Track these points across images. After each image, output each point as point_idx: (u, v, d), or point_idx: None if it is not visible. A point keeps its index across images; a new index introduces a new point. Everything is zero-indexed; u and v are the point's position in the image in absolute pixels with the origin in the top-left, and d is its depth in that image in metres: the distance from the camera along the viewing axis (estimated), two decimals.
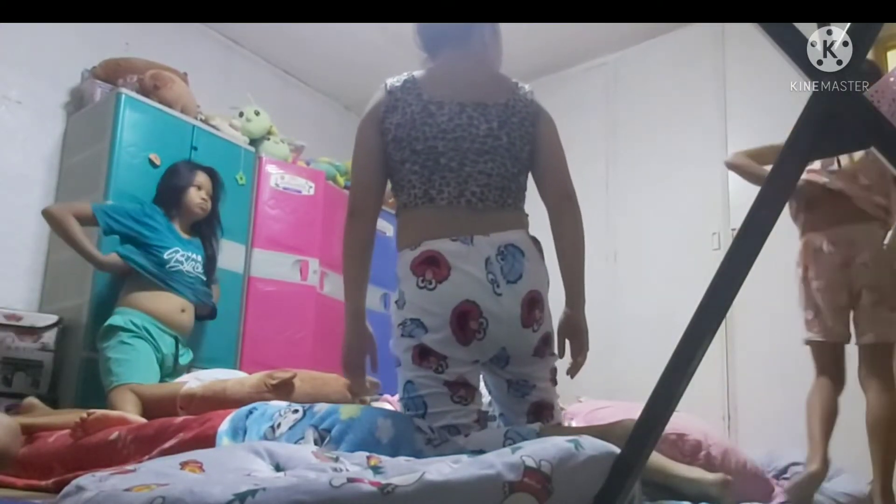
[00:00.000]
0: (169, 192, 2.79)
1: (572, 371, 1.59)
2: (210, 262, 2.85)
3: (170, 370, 2.61)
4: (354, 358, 1.52)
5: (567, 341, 1.58)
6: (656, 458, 1.36)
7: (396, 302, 1.48)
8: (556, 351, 1.55)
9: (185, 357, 2.71)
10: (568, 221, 1.56)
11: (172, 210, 2.76)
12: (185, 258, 2.68)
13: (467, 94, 1.52)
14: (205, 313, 2.86)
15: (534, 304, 1.46)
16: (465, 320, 1.40)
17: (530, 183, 1.61)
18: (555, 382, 1.55)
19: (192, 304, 2.71)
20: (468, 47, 1.60)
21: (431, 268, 1.41)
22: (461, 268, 1.41)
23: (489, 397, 1.59)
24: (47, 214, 2.57)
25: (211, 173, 2.87)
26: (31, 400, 2.38)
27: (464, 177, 1.47)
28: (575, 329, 1.57)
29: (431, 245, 1.43)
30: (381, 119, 1.53)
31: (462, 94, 1.52)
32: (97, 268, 2.65)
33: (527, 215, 1.57)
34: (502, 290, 1.43)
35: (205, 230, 2.88)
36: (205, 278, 2.81)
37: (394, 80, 1.57)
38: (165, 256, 2.61)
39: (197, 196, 2.78)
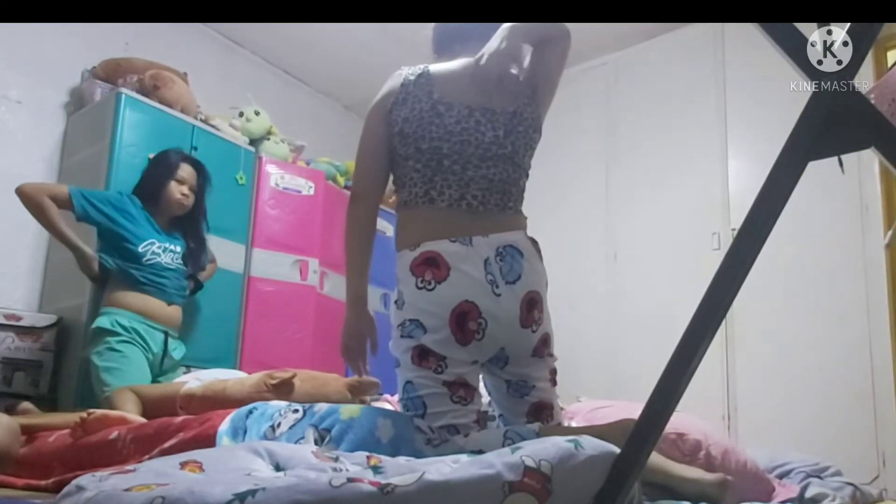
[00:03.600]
0: (149, 184, 2.67)
1: None
2: (192, 256, 2.72)
3: (162, 367, 2.56)
4: (354, 341, 1.53)
5: None
6: (656, 458, 1.36)
7: (396, 302, 1.49)
8: (553, 352, 1.55)
9: (178, 351, 2.65)
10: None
11: (150, 203, 2.63)
12: (162, 249, 2.58)
13: (477, 99, 1.53)
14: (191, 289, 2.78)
15: (533, 304, 1.46)
16: (465, 321, 1.40)
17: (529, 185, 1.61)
18: (554, 383, 1.55)
19: (176, 302, 2.65)
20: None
21: (431, 268, 1.42)
22: (460, 268, 1.41)
23: (489, 397, 1.59)
24: (22, 193, 2.44)
25: (198, 167, 2.76)
26: (26, 405, 2.37)
27: (466, 180, 1.48)
28: None
29: (431, 246, 1.44)
30: (388, 111, 1.54)
31: (472, 97, 1.53)
32: (79, 258, 2.49)
33: (525, 217, 1.57)
34: (501, 291, 1.43)
35: (186, 225, 2.75)
36: (185, 269, 2.71)
37: (409, 73, 1.56)
38: (140, 249, 2.52)
39: (177, 191, 2.65)
